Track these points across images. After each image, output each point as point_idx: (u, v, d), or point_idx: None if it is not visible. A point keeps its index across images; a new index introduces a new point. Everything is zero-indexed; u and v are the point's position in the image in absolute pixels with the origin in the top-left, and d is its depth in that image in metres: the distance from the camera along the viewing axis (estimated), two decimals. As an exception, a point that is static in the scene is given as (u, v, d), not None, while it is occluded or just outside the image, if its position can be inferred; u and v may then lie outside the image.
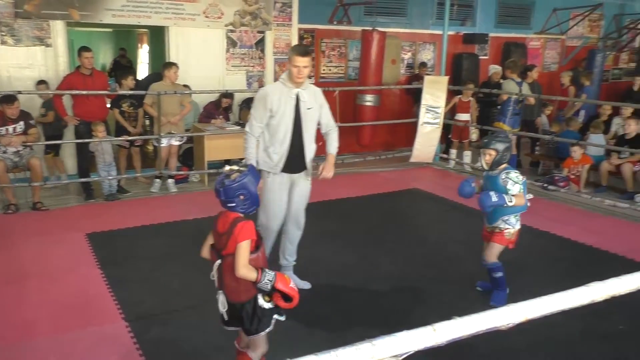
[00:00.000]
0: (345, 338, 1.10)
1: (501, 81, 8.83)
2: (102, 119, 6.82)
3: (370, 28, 8.84)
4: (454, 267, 4.85)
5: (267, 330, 2.74)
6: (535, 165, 8.95)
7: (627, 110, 8.08)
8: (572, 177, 7.56)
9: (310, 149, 4.15)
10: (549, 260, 5.12)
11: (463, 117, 8.87)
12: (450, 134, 9.01)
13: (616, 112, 8.72)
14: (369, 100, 8.99)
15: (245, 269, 2.52)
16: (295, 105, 4.00)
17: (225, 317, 2.73)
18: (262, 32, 8.75)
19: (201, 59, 8.24)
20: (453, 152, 8.96)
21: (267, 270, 2.58)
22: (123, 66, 13.09)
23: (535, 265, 4.97)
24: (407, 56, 10.52)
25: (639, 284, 1.40)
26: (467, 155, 8.83)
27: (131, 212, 6.33)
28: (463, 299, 4.22)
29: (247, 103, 8.05)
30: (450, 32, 9.93)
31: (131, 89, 7.35)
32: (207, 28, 8.22)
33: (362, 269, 4.82)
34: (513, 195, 3.87)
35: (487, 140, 4.00)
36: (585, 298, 1.32)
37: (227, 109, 8.14)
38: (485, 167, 3.97)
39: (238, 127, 7.44)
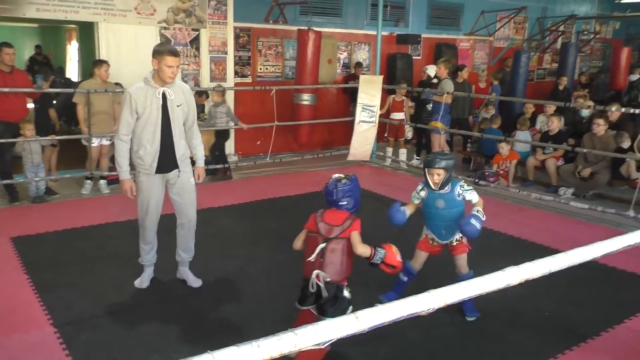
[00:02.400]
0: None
1: (434, 80, 9.05)
2: (23, 119, 6.50)
3: (306, 27, 8.88)
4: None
5: None
6: (467, 162, 9.29)
7: (551, 108, 8.50)
8: (501, 172, 7.89)
9: (180, 145, 4.08)
10: (478, 251, 5.29)
11: (398, 116, 9.06)
12: (386, 133, 9.20)
13: (540, 110, 9.17)
14: (305, 99, 9.03)
15: (362, 247, 3.16)
16: (162, 104, 3.95)
17: (311, 290, 3.18)
18: (197, 30, 8.62)
19: (133, 56, 8.00)
20: (389, 150, 9.16)
21: (379, 248, 3.21)
22: (40, 62, 12.70)
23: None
24: (343, 56, 10.64)
25: (551, 268, 1.48)
26: (403, 153, 9.04)
27: (60, 214, 6.09)
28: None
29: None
30: (384, 33, 10.11)
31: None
32: (139, 25, 8.02)
33: (299, 266, 4.82)
34: (476, 203, 3.75)
35: (431, 160, 3.76)
36: (502, 282, 1.38)
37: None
38: (434, 187, 3.74)
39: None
